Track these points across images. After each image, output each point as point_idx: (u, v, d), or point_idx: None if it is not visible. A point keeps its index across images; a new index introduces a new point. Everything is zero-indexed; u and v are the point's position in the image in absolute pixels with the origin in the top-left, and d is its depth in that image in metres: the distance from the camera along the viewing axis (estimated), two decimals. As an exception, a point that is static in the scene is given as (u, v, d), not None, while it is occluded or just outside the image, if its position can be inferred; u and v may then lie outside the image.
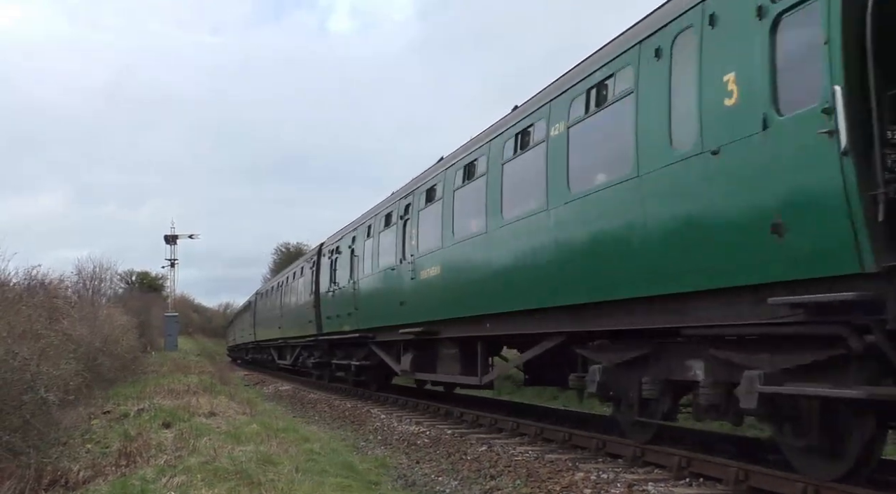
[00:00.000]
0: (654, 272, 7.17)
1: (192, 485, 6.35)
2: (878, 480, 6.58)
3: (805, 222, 5.52)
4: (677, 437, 9.72)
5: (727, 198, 6.26)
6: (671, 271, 6.95)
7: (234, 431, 9.56)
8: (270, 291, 34.58)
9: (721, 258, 6.34)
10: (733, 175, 6.20)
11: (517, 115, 10.56)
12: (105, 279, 32.23)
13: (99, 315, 20.95)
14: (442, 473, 8.54)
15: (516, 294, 10.00)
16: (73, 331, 14.87)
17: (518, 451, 9.53)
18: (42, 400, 9.37)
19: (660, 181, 7.07)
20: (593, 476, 7.71)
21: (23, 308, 11.78)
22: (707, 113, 6.48)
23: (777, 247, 5.71)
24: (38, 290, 15.66)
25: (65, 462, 8.32)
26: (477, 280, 11.34)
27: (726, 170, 6.26)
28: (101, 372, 16.29)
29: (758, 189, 5.91)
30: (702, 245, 6.58)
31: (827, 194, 5.31)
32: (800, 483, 6.21)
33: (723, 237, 6.32)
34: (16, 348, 9.44)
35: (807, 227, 5.51)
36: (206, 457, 7.65)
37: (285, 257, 73.18)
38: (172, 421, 10.52)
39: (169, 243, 51.67)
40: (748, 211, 6.03)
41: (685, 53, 6.86)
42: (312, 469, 7.31)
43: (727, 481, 6.92)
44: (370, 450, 10.47)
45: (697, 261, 6.64)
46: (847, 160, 5.13)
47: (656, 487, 7.15)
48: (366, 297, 17.43)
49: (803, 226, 5.53)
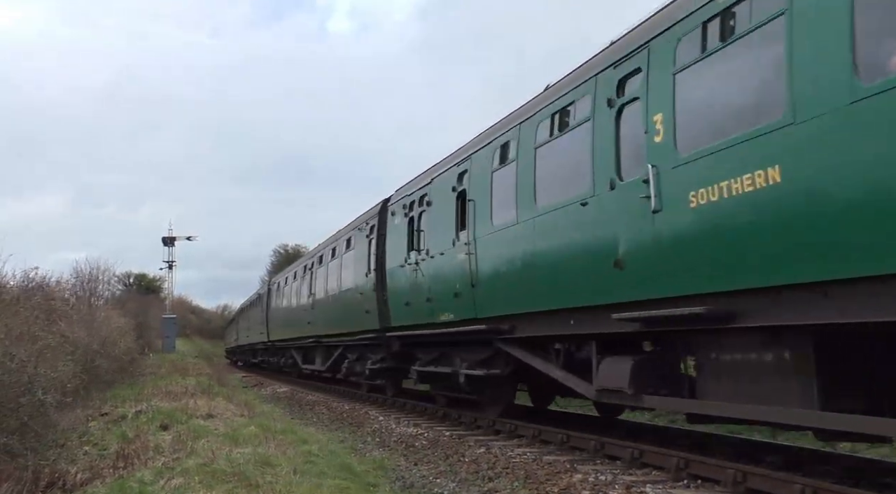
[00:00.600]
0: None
1: (190, 487, 6.34)
2: (877, 483, 6.60)
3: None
4: (675, 438, 9.74)
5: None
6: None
7: (232, 433, 9.55)
8: (293, 278, 27.09)
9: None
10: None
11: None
12: (102, 281, 32.20)
13: (97, 316, 20.94)
14: (440, 475, 8.53)
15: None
16: (71, 333, 14.87)
17: (516, 453, 9.53)
18: (40, 402, 9.37)
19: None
20: (591, 478, 7.71)
21: (20, 309, 11.77)
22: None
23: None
24: (36, 292, 15.62)
25: (62, 463, 8.31)
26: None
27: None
28: (98, 373, 16.28)
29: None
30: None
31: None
32: (797, 484, 6.21)
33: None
34: (13, 350, 9.44)
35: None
36: (204, 459, 7.64)
37: (284, 258, 73.15)
38: (170, 423, 10.51)
39: (167, 245, 51.54)
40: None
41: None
42: (311, 471, 7.31)
43: (725, 482, 6.92)
44: (368, 452, 10.46)
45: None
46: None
47: (654, 489, 7.15)
48: (498, 264, 10.55)
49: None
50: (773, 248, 5.85)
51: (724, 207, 6.26)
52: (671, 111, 7.01)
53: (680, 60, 6.96)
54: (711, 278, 6.54)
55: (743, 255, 6.16)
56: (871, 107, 5.03)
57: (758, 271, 6.05)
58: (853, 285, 5.30)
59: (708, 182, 6.42)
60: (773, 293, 5.99)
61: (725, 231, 6.29)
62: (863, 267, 5.18)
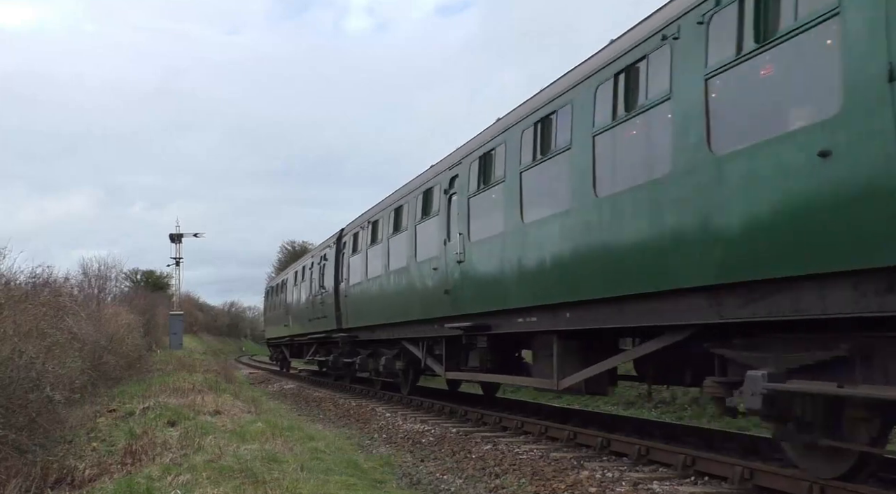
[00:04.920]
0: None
1: (198, 483, 6.35)
2: (884, 479, 6.57)
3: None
4: (682, 435, 9.72)
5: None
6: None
7: (239, 429, 9.58)
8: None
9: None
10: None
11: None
12: (111, 278, 32.32)
13: (104, 313, 21.01)
14: (447, 471, 8.53)
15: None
16: (79, 330, 14.92)
17: (523, 449, 9.53)
18: (48, 399, 9.41)
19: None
20: (598, 475, 7.70)
21: (28, 306, 11.80)
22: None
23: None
24: (45, 289, 15.68)
25: (70, 460, 8.34)
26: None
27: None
28: (106, 370, 16.35)
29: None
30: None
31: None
32: (805, 481, 6.19)
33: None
34: (22, 346, 9.47)
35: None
36: (211, 456, 7.67)
37: (290, 255, 73.25)
38: (178, 420, 10.54)
39: (174, 242, 51.64)
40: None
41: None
42: (317, 468, 7.32)
43: (732, 479, 6.91)
44: (375, 449, 10.46)
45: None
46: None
47: (661, 485, 7.14)
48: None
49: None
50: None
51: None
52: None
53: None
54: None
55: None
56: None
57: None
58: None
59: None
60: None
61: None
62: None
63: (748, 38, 6.10)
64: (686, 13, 6.86)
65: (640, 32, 7.73)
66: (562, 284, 8.85)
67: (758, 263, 5.90)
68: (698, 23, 6.66)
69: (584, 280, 8.40)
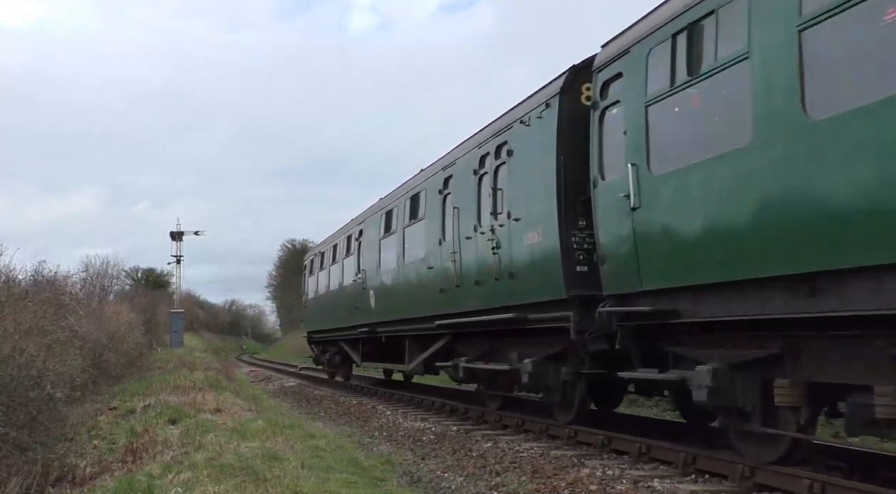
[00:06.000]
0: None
1: (198, 481, 6.35)
2: (884, 477, 6.57)
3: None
4: (683, 434, 9.71)
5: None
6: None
7: (239, 427, 9.58)
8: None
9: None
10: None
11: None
12: (111, 275, 32.30)
13: (105, 311, 21.01)
14: (447, 469, 8.53)
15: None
16: (80, 328, 14.91)
17: (523, 447, 9.53)
18: (49, 396, 9.41)
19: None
20: (599, 473, 7.70)
21: (29, 304, 11.80)
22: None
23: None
24: (45, 287, 15.69)
25: (71, 458, 8.35)
26: None
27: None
28: (107, 368, 16.36)
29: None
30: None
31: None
32: (806, 479, 6.19)
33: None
34: (22, 344, 9.47)
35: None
36: (211, 453, 7.67)
37: (291, 253, 73.18)
38: (178, 418, 10.55)
39: (175, 239, 51.66)
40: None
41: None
42: (318, 466, 7.32)
43: (733, 477, 6.91)
44: (375, 447, 10.47)
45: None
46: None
47: (662, 483, 7.14)
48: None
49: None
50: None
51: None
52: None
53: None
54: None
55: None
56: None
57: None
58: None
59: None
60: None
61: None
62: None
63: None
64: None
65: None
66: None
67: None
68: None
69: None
